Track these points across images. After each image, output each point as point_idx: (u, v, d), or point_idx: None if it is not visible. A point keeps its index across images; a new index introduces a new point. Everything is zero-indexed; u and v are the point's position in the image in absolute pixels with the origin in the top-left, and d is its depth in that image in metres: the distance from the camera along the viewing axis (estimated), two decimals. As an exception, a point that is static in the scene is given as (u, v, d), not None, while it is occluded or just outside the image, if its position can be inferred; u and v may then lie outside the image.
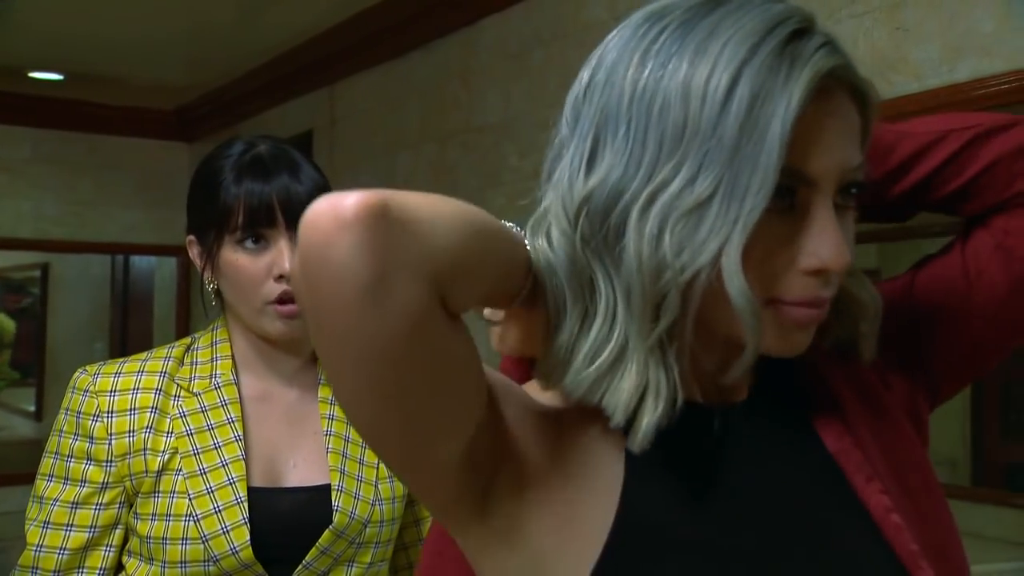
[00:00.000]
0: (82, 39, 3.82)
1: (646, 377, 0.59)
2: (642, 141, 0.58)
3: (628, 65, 0.60)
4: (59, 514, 1.15)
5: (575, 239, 0.61)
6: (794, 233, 0.60)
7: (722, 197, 0.57)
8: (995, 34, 1.68)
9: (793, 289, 0.60)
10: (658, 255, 0.58)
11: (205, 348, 1.24)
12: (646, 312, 0.59)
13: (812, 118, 0.58)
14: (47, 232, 4.78)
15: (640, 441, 0.59)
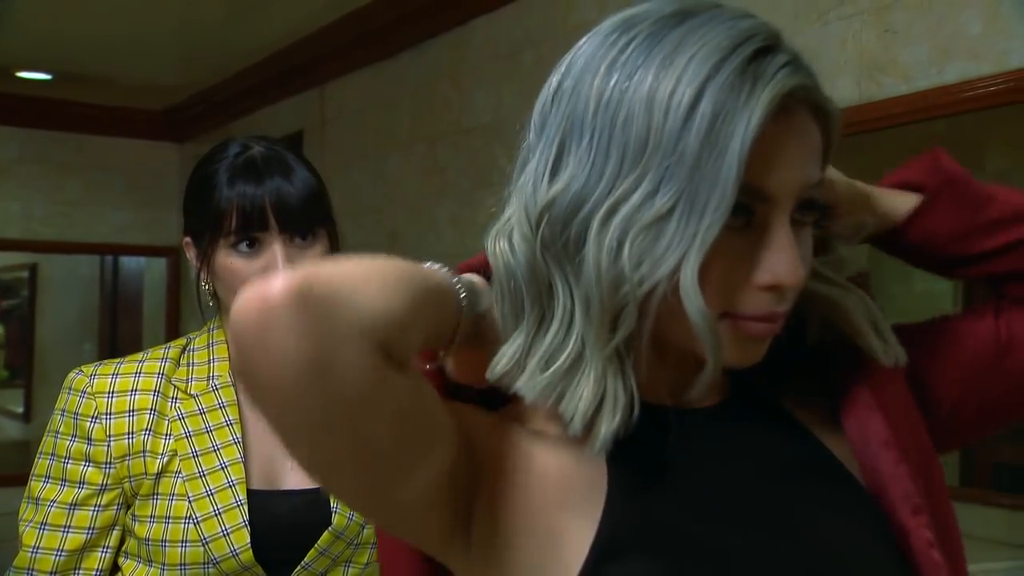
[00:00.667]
0: (71, 39, 3.80)
1: (603, 386, 0.60)
2: (605, 151, 0.59)
3: (595, 74, 0.61)
4: (56, 515, 1.15)
5: (535, 244, 0.62)
6: (751, 249, 0.60)
7: (681, 212, 0.57)
8: (983, 37, 1.69)
9: (749, 304, 0.61)
10: (616, 267, 0.58)
11: (201, 349, 1.23)
12: (604, 322, 0.59)
13: (772, 137, 0.59)
14: (36, 232, 4.76)
15: (598, 448, 0.61)
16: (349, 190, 3.55)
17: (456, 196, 3.10)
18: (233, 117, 4.46)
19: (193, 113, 4.78)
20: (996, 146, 1.99)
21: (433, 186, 3.21)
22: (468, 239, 3.04)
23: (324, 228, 1.22)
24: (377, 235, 3.48)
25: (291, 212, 1.16)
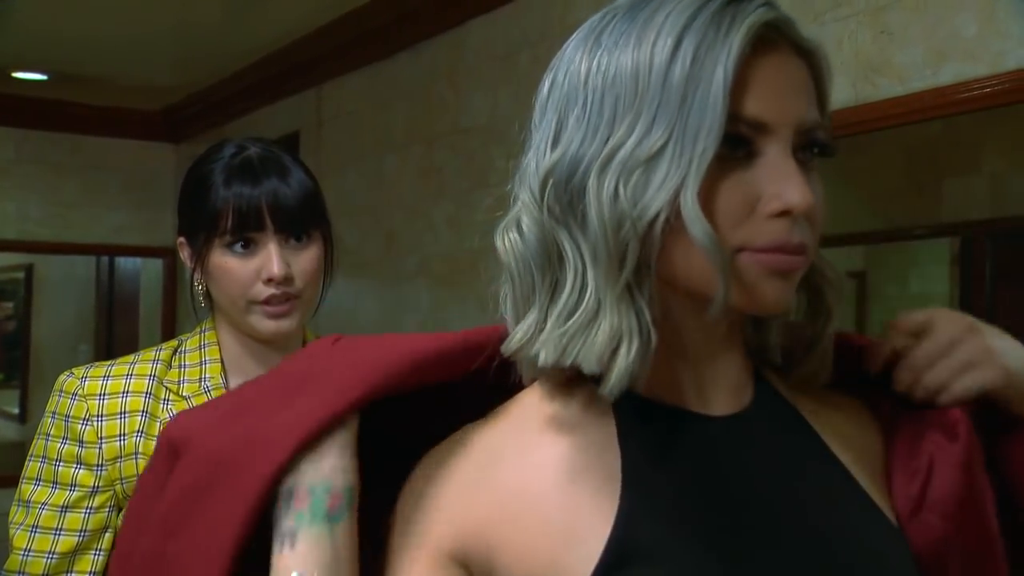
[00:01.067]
0: (67, 39, 3.80)
1: (619, 325, 0.60)
2: (599, 110, 0.61)
3: (583, 53, 0.63)
4: (48, 518, 1.15)
5: (542, 215, 0.63)
6: (756, 182, 0.61)
7: (674, 145, 0.59)
8: (978, 38, 1.69)
9: (761, 235, 0.60)
10: (616, 208, 0.60)
11: (193, 351, 1.23)
12: (612, 264, 0.60)
13: (757, 67, 0.61)
14: (31, 233, 4.75)
15: (611, 386, 0.61)
16: (345, 191, 3.55)
17: (453, 197, 3.10)
18: (230, 118, 4.46)
19: (189, 114, 4.77)
20: (992, 147, 1.99)
21: (430, 187, 3.21)
22: (465, 239, 3.04)
23: (319, 230, 1.22)
24: (374, 236, 3.48)
25: (287, 213, 1.17)
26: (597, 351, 0.60)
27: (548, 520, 0.63)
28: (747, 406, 0.69)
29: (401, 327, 3.35)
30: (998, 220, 2.06)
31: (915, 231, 2.11)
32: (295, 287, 1.18)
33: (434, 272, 3.19)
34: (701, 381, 0.67)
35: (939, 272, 2.14)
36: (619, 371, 0.60)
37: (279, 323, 1.18)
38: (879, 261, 2.17)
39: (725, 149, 0.59)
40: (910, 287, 2.21)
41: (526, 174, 0.66)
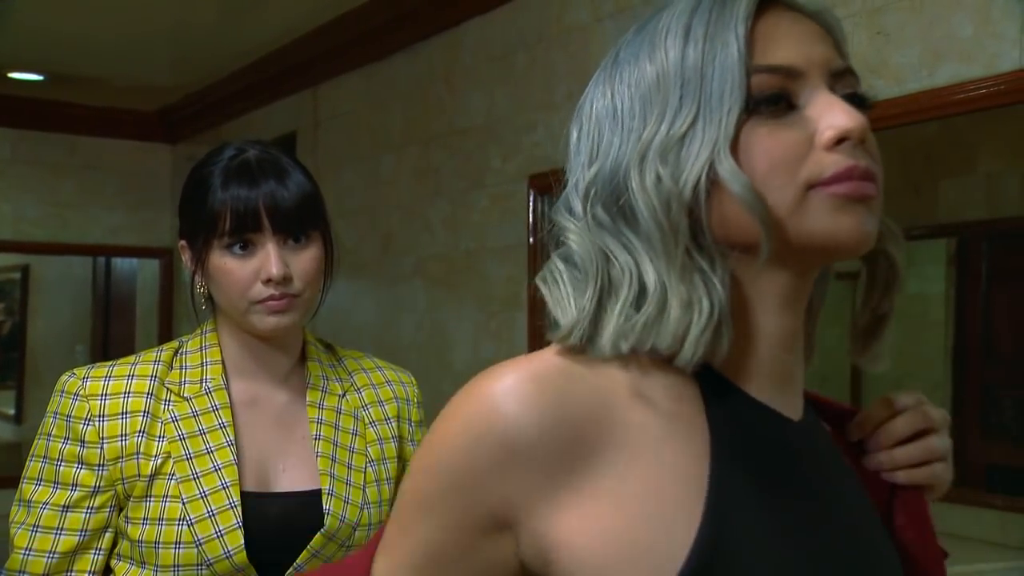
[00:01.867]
0: (63, 39, 3.79)
1: (688, 296, 0.61)
2: (630, 115, 0.64)
3: (604, 83, 0.66)
4: (49, 518, 1.15)
5: (587, 226, 0.64)
6: (807, 122, 0.62)
7: (703, 115, 0.61)
8: (974, 39, 1.70)
9: (825, 167, 0.61)
10: (662, 191, 0.61)
11: (194, 352, 1.24)
12: (667, 243, 0.61)
13: (771, 24, 0.62)
14: (28, 234, 4.75)
15: (686, 352, 0.60)
16: (342, 191, 3.55)
17: (450, 197, 3.10)
18: (226, 118, 4.46)
19: (186, 114, 4.77)
20: (987, 147, 2.00)
21: (427, 187, 3.21)
22: (462, 240, 3.04)
23: (318, 231, 1.22)
24: (371, 236, 3.48)
25: (285, 214, 1.17)
26: (672, 328, 0.60)
27: (632, 489, 0.60)
28: (804, 413, 0.70)
29: (398, 327, 3.35)
30: (994, 221, 2.07)
31: (912, 231, 2.12)
32: (294, 288, 1.18)
33: (431, 272, 3.20)
34: (779, 381, 0.66)
35: (936, 272, 2.15)
36: (692, 337, 0.60)
37: (279, 318, 1.18)
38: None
39: (767, 106, 0.61)
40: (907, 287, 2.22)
41: (568, 199, 0.67)
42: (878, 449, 0.73)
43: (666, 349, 0.61)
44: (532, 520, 0.60)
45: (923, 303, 2.17)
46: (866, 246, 0.62)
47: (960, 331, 2.10)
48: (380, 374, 1.34)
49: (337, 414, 1.26)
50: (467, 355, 3.01)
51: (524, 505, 0.60)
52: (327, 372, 1.29)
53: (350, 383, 1.30)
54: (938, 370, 2.13)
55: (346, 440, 1.24)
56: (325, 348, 1.33)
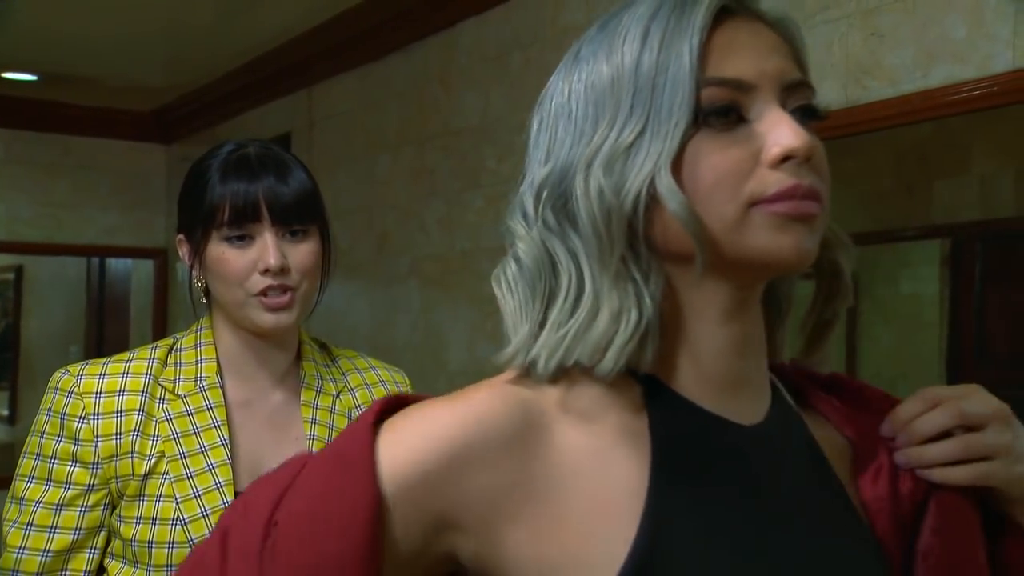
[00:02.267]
0: (57, 39, 3.78)
1: (619, 305, 0.61)
2: (583, 116, 0.64)
3: (564, 77, 0.66)
4: (42, 516, 1.14)
5: (537, 233, 0.65)
6: (754, 138, 0.62)
7: (651, 127, 0.61)
8: (967, 41, 1.70)
9: (768, 185, 0.61)
10: (603, 202, 0.61)
11: (189, 349, 1.23)
12: (603, 245, 0.62)
13: (727, 36, 0.62)
14: (21, 234, 4.74)
15: (607, 362, 0.61)
16: (337, 192, 3.55)
17: (445, 197, 3.10)
18: (221, 119, 4.45)
19: (181, 114, 4.76)
20: (982, 149, 2.00)
21: (422, 187, 3.21)
22: (457, 240, 3.04)
23: (316, 226, 1.22)
24: (366, 237, 3.47)
25: (284, 206, 1.17)
26: (596, 339, 0.61)
27: (572, 507, 0.61)
28: (767, 415, 0.69)
29: (393, 328, 3.35)
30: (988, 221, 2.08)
31: (906, 232, 2.12)
32: (291, 280, 1.18)
33: (426, 273, 3.19)
34: (729, 387, 0.66)
35: (930, 273, 2.15)
36: (616, 347, 0.61)
37: (278, 316, 1.18)
38: (870, 262, 2.18)
39: (717, 119, 0.61)
40: (901, 288, 2.22)
41: (521, 202, 0.67)
42: (908, 445, 0.70)
43: (588, 361, 0.62)
44: (474, 544, 0.61)
45: (917, 304, 2.18)
46: (805, 264, 0.63)
47: (954, 332, 2.11)
48: (374, 374, 1.34)
49: (331, 414, 1.26)
50: (462, 355, 3.00)
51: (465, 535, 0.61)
52: (321, 372, 1.29)
53: (344, 383, 1.30)
54: (932, 371, 2.13)
55: None
56: (320, 348, 1.33)
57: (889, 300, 2.20)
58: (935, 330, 2.13)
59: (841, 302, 0.70)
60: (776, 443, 0.68)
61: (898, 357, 2.20)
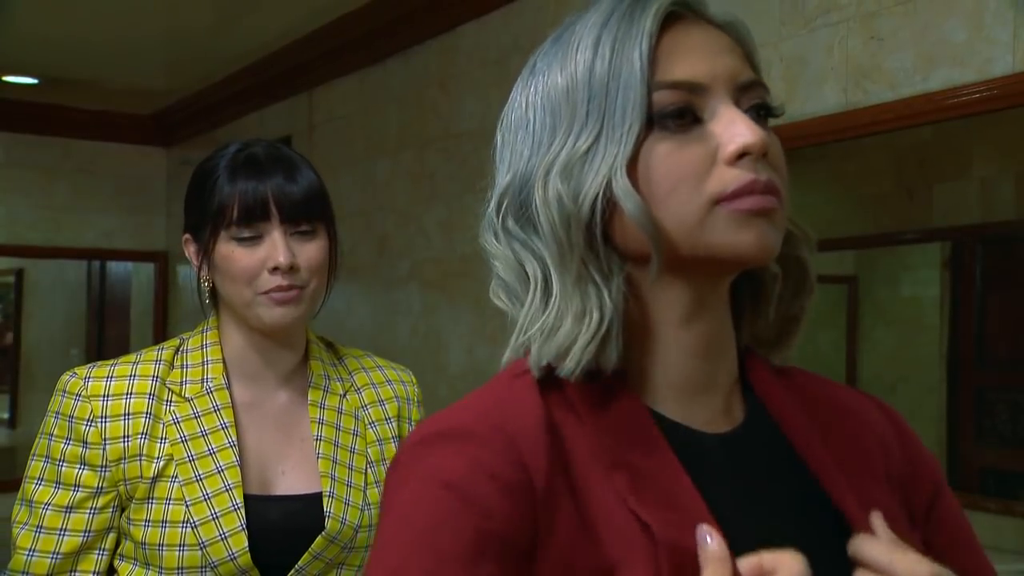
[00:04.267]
0: (57, 43, 3.79)
1: (582, 307, 0.62)
2: (541, 126, 0.65)
3: (522, 89, 0.68)
4: (52, 518, 1.14)
5: (506, 243, 0.66)
6: (710, 137, 0.62)
7: (606, 132, 0.62)
8: (967, 44, 1.70)
9: (728, 182, 0.61)
10: (562, 208, 0.63)
11: (195, 351, 1.23)
12: (563, 249, 0.63)
13: (677, 39, 0.63)
14: (22, 237, 4.74)
15: (569, 363, 0.62)
16: (337, 195, 3.53)
17: (445, 201, 3.10)
18: (221, 122, 4.45)
19: (181, 118, 4.77)
20: (981, 152, 2.00)
21: (422, 191, 3.22)
22: (457, 244, 3.04)
23: (324, 224, 1.22)
24: (366, 240, 3.48)
25: (292, 204, 1.18)
26: (559, 341, 0.62)
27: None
28: (740, 423, 0.69)
29: (393, 331, 3.35)
30: (988, 224, 2.08)
31: (906, 235, 2.13)
32: (301, 278, 1.18)
33: (426, 276, 3.20)
34: (693, 391, 0.67)
35: (930, 276, 2.15)
36: (578, 348, 0.62)
37: (285, 310, 1.18)
38: (870, 265, 2.18)
39: (672, 121, 0.62)
40: (901, 291, 2.22)
41: (490, 218, 0.68)
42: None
43: (554, 362, 0.63)
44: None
45: (917, 307, 2.18)
46: (768, 257, 0.63)
47: (954, 334, 2.11)
48: (380, 373, 1.34)
49: (338, 414, 1.25)
50: (462, 359, 3.00)
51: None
52: (328, 371, 1.28)
53: (351, 383, 1.29)
54: (932, 373, 2.13)
55: (347, 441, 1.24)
56: (327, 347, 1.33)
57: (889, 303, 2.20)
58: (935, 332, 2.14)
59: (806, 297, 0.71)
60: (750, 451, 0.68)
61: (898, 359, 2.20)
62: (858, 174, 2.08)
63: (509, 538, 0.58)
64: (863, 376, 2.16)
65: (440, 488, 0.59)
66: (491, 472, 0.59)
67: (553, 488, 0.60)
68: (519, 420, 0.62)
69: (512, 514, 0.58)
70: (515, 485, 0.59)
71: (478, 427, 0.62)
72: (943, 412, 2.14)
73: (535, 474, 0.60)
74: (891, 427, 0.74)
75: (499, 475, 0.59)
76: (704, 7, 0.66)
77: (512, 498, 0.59)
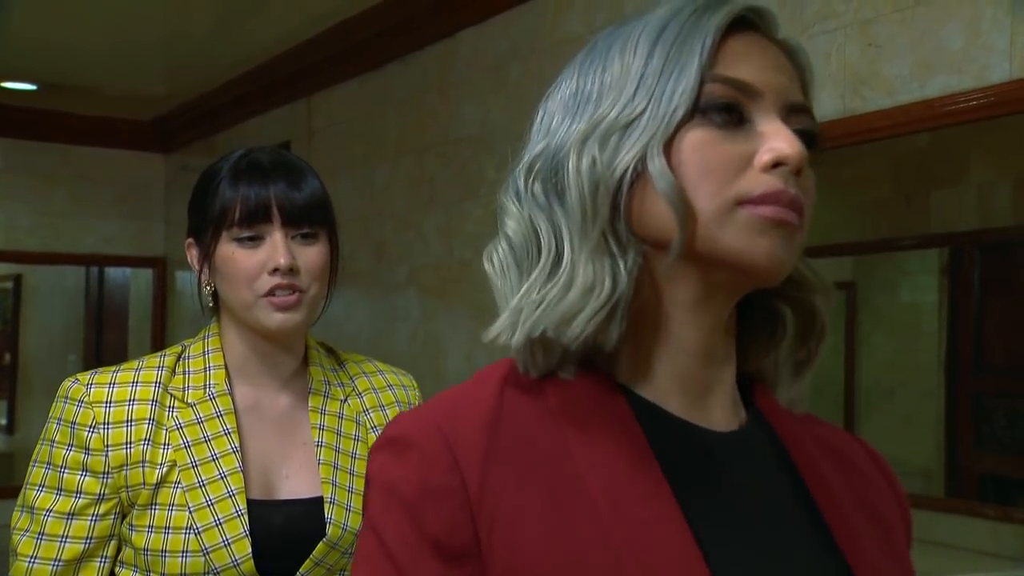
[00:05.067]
0: (56, 49, 3.79)
1: (593, 276, 0.62)
2: (586, 100, 0.65)
3: (577, 66, 0.68)
4: (54, 525, 1.14)
5: (525, 208, 0.66)
6: (750, 140, 0.63)
7: (651, 108, 0.62)
8: (964, 51, 1.71)
9: (756, 186, 0.62)
10: (593, 173, 0.63)
11: (197, 357, 1.23)
12: (586, 216, 0.63)
13: (741, 43, 0.64)
14: (20, 243, 4.74)
15: (575, 328, 0.61)
16: (336, 201, 3.51)
17: (444, 207, 3.10)
18: (220, 128, 4.46)
19: (180, 124, 4.77)
20: (979, 159, 2.01)
21: (420, 197, 3.22)
22: (456, 249, 3.04)
23: (326, 230, 1.22)
24: (364, 246, 3.48)
25: (294, 208, 1.18)
26: (565, 307, 0.62)
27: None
28: (742, 426, 0.69)
29: (392, 337, 3.35)
30: (986, 231, 2.08)
31: (904, 241, 2.13)
32: (301, 281, 1.18)
33: (424, 282, 3.20)
34: (694, 394, 0.67)
35: (928, 282, 2.16)
36: (585, 316, 0.61)
37: (286, 315, 1.18)
38: (868, 271, 2.18)
39: (718, 115, 0.62)
40: (900, 297, 2.22)
41: (515, 179, 0.68)
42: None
43: (553, 332, 0.62)
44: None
45: (916, 313, 2.18)
46: (777, 273, 0.63)
47: (952, 341, 2.11)
48: (381, 378, 1.34)
49: (339, 419, 1.26)
50: (460, 365, 3.00)
51: None
52: (329, 377, 1.28)
53: (351, 387, 1.30)
54: (931, 379, 2.13)
55: (348, 446, 1.24)
56: (327, 352, 1.33)
57: (888, 309, 2.20)
58: (934, 339, 2.14)
59: (816, 343, 0.71)
60: (751, 451, 0.68)
61: (897, 366, 2.20)
62: (856, 180, 2.08)
63: (444, 541, 0.60)
64: (861, 382, 2.17)
65: (387, 496, 0.63)
66: (425, 479, 0.61)
67: (490, 484, 0.61)
68: (462, 420, 0.63)
69: (446, 517, 0.60)
70: (446, 489, 0.61)
71: (419, 434, 0.63)
72: (941, 418, 2.14)
73: (468, 473, 0.61)
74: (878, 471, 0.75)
75: (429, 481, 0.61)
76: (774, 26, 0.66)
77: (444, 502, 0.61)
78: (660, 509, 0.61)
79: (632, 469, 0.62)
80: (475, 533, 0.60)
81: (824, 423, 0.77)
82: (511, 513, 0.60)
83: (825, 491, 0.68)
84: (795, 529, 0.67)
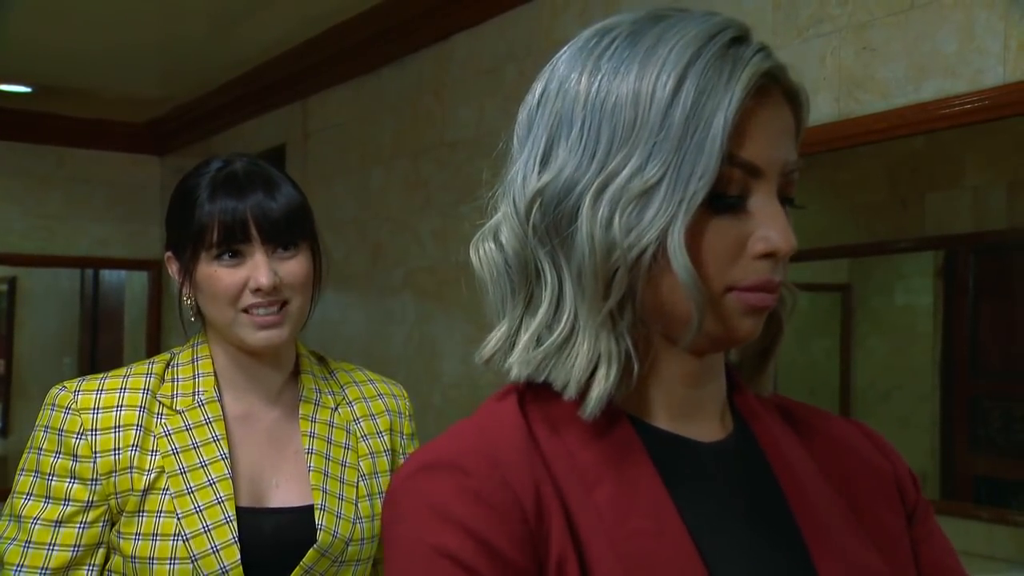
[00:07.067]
0: (51, 51, 3.79)
1: (598, 350, 0.63)
2: (595, 137, 0.63)
3: (581, 72, 0.65)
4: (41, 533, 1.14)
5: (526, 232, 0.65)
6: (746, 224, 0.64)
7: (668, 183, 0.61)
8: (958, 55, 1.71)
9: (748, 274, 0.63)
10: (608, 236, 0.62)
11: (186, 364, 1.23)
12: (597, 290, 0.63)
13: (753, 113, 0.63)
14: (15, 246, 4.73)
15: (591, 409, 0.63)
16: (332, 204, 3.55)
17: (439, 210, 3.10)
18: (215, 130, 4.45)
19: (175, 126, 4.76)
20: (974, 162, 2.01)
21: (416, 200, 3.22)
22: (451, 252, 3.04)
23: (307, 241, 1.22)
24: (360, 249, 3.48)
25: (273, 224, 1.17)
26: (576, 375, 0.63)
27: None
28: (730, 433, 0.71)
29: (387, 340, 3.35)
30: (981, 233, 2.09)
31: (899, 244, 2.13)
32: (283, 294, 1.18)
33: (420, 285, 3.19)
34: (684, 412, 0.69)
35: (923, 284, 2.16)
36: (598, 393, 0.63)
37: (269, 333, 1.18)
38: (864, 274, 2.18)
39: (719, 191, 0.62)
40: (895, 299, 2.23)
41: (511, 188, 0.67)
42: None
43: (560, 387, 0.64)
44: None
45: (910, 315, 2.18)
46: (750, 340, 0.67)
47: (947, 343, 2.12)
48: (372, 387, 1.34)
49: (330, 428, 1.25)
50: (456, 368, 3.00)
51: None
52: (320, 385, 1.28)
53: (342, 396, 1.29)
54: (926, 382, 2.14)
55: (338, 454, 1.24)
56: (318, 361, 1.33)
57: (883, 311, 2.21)
58: (929, 341, 2.14)
59: (776, 331, 0.72)
60: (739, 459, 0.70)
61: (892, 368, 2.21)
62: (851, 183, 2.08)
63: (508, 556, 0.59)
64: (857, 384, 2.17)
65: (434, 518, 0.60)
66: (480, 495, 0.60)
67: (541, 503, 0.61)
68: (500, 443, 0.63)
69: (509, 532, 0.60)
70: (506, 505, 0.60)
71: (463, 456, 0.63)
72: (936, 420, 2.14)
73: (521, 492, 0.61)
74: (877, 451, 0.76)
75: (488, 497, 0.60)
76: (786, 75, 0.66)
77: (505, 518, 0.60)
78: (665, 523, 0.62)
79: (634, 481, 0.63)
80: (535, 551, 0.60)
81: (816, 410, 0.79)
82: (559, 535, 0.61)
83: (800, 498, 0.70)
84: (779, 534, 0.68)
